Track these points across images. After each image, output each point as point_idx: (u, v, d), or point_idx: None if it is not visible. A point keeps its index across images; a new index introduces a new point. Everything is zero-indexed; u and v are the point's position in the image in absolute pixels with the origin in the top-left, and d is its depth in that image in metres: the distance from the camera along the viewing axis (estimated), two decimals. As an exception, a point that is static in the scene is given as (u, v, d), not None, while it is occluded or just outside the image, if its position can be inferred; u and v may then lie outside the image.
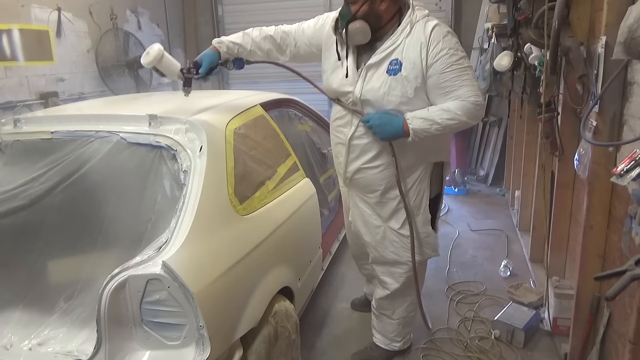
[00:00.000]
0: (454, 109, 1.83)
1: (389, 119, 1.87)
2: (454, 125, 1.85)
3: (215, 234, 1.63)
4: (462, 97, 1.83)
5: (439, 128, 1.84)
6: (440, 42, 1.82)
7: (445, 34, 1.85)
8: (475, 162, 5.82)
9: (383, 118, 1.88)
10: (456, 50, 1.84)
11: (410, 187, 2.07)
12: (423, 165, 2.06)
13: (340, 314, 2.88)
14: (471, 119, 1.86)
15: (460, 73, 1.83)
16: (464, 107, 1.83)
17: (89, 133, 1.87)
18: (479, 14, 5.60)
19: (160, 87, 6.07)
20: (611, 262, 1.89)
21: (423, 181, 2.07)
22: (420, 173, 2.06)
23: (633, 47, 1.33)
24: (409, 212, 2.07)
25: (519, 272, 3.33)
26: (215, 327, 1.47)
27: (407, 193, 2.06)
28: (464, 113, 1.83)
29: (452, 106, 1.84)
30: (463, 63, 1.84)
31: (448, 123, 1.83)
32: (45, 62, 4.27)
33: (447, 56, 1.81)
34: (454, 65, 1.82)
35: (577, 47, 2.14)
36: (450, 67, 1.82)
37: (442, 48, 1.82)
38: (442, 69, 1.82)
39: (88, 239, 1.70)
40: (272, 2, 6.33)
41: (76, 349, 1.51)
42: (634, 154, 1.36)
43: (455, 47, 1.84)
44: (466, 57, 1.88)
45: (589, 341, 2.09)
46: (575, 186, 2.66)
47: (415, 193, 2.08)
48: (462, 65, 1.84)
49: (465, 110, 1.84)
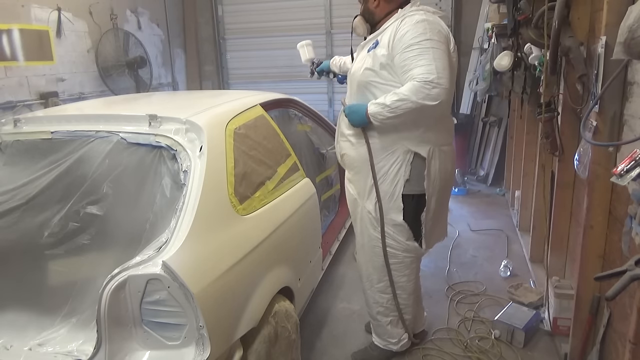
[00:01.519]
0: (402, 90, 1.86)
1: (357, 107, 2.03)
2: (404, 106, 1.85)
3: (215, 234, 1.63)
4: (414, 75, 1.84)
5: (390, 110, 1.88)
6: (410, 26, 1.89)
7: (420, 21, 1.90)
8: (475, 162, 5.82)
9: (352, 107, 2.06)
10: (423, 34, 1.86)
11: (385, 171, 2.09)
12: (400, 151, 2.05)
13: (340, 314, 2.88)
14: (422, 98, 1.82)
15: (419, 52, 1.85)
16: (412, 86, 1.83)
17: (89, 133, 1.88)
18: (479, 14, 5.61)
19: (161, 87, 6.07)
20: (611, 262, 1.89)
21: (399, 168, 2.07)
22: (397, 158, 2.06)
23: (633, 47, 1.33)
24: (378, 192, 2.10)
25: (519, 272, 3.33)
26: (215, 327, 1.47)
27: (382, 176, 2.09)
28: (412, 93, 1.83)
29: (402, 88, 1.87)
30: (426, 44, 1.85)
31: (397, 104, 1.86)
32: (45, 62, 4.27)
33: (410, 37, 1.87)
34: (415, 45, 1.85)
35: (577, 47, 2.14)
36: (411, 47, 1.86)
37: (408, 30, 1.88)
38: (403, 48, 1.88)
39: (88, 239, 1.70)
40: (272, 2, 6.34)
41: (76, 349, 1.51)
42: (634, 154, 1.36)
43: (423, 31, 1.86)
44: (435, 41, 1.87)
45: (589, 341, 2.08)
46: (575, 186, 2.66)
47: (390, 177, 2.08)
48: (424, 46, 1.85)
49: (413, 90, 1.83)
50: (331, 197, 3.15)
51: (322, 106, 6.25)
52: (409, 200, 2.10)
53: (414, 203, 2.12)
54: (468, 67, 5.74)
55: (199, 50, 6.75)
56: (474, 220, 4.39)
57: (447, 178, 2.19)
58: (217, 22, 6.61)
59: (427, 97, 1.82)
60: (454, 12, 5.81)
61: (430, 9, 2.01)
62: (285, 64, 6.29)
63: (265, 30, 6.43)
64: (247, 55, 6.66)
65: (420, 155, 2.05)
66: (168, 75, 6.34)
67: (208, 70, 6.82)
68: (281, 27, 6.36)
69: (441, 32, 1.92)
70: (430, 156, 2.05)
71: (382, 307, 2.32)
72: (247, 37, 6.55)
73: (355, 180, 2.21)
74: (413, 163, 2.06)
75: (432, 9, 2.01)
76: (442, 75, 1.82)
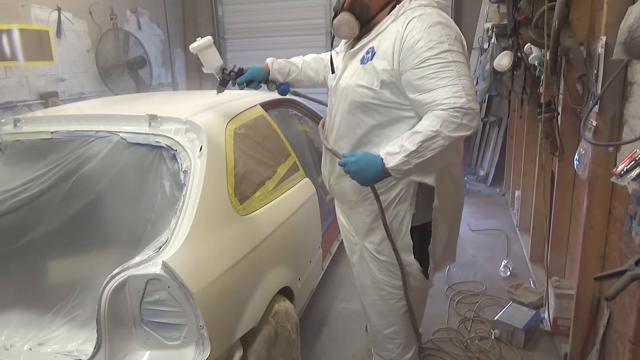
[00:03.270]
0: (426, 125, 1.46)
1: (366, 162, 1.55)
2: (435, 145, 1.45)
3: (215, 234, 1.63)
4: (438, 101, 1.45)
5: (417, 155, 1.46)
6: (420, 32, 1.49)
7: (433, 23, 1.51)
8: (475, 162, 5.82)
9: (360, 161, 1.56)
10: (440, 43, 1.47)
11: (387, 206, 1.75)
12: (404, 182, 1.71)
13: (340, 314, 2.88)
14: (454, 130, 1.43)
15: (439, 69, 1.46)
16: (439, 118, 1.44)
17: (89, 133, 1.87)
18: (479, 14, 5.61)
19: (161, 87, 6.07)
20: (611, 262, 1.89)
21: (404, 201, 1.73)
22: (401, 191, 1.72)
23: (633, 47, 1.33)
24: (388, 230, 1.74)
25: (519, 272, 3.33)
26: (215, 327, 1.47)
27: (385, 212, 1.74)
28: (442, 126, 1.43)
29: (425, 123, 1.47)
30: (446, 57, 1.46)
31: (426, 145, 1.45)
32: (45, 62, 4.27)
33: (424, 49, 1.47)
34: (432, 59, 1.46)
35: (577, 47, 2.14)
36: (427, 62, 1.47)
37: (419, 39, 1.49)
38: (416, 63, 1.48)
39: (88, 239, 1.70)
40: (272, 2, 6.33)
41: (76, 349, 1.51)
42: (634, 154, 1.36)
43: (440, 39, 1.48)
44: (456, 52, 1.49)
45: (589, 341, 2.08)
46: (575, 186, 2.66)
47: (394, 213, 1.75)
48: (445, 60, 1.46)
49: (442, 122, 1.43)
50: (331, 197, 3.16)
51: (322, 106, 6.24)
52: (413, 232, 1.80)
53: (417, 234, 1.81)
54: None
55: (199, 50, 6.74)
56: (474, 220, 4.39)
57: (457, 201, 1.89)
58: (217, 22, 6.61)
59: (460, 127, 1.43)
60: (454, 12, 5.81)
61: (434, 2, 1.63)
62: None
63: (265, 30, 6.43)
64: (247, 55, 6.65)
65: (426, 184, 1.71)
66: (168, 75, 6.34)
67: (208, 70, 6.81)
68: (281, 27, 6.36)
69: (457, 37, 1.54)
70: (438, 183, 1.70)
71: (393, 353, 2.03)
72: (247, 37, 6.55)
73: (350, 215, 1.88)
74: (419, 193, 1.74)
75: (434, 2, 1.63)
76: (471, 97, 1.44)
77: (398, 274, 1.84)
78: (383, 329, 1.99)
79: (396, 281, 1.86)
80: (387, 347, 2.04)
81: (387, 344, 2.03)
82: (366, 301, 2.01)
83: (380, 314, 1.96)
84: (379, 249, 1.82)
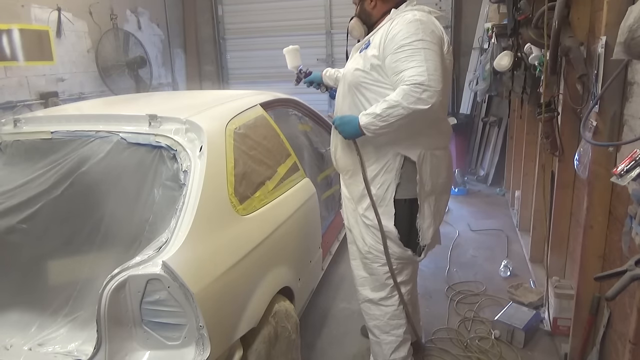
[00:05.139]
0: (392, 96, 1.75)
1: (348, 119, 1.92)
2: (395, 112, 1.73)
3: (215, 234, 1.63)
4: (404, 78, 1.73)
5: (382, 118, 1.76)
6: (402, 26, 1.79)
7: (413, 20, 1.80)
8: (475, 162, 5.82)
9: (344, 118, 1.95)
10: (414, 34, 1.76)
11: (376, 174, 2.00)
12: (390, 154, 1.96)
13: (340, 314, 2.88)
14: (412, 103, 1.70)
15: (410, 53, 1.74)
16: (402, 91, 1.72)
17: (89, 133, 1.88)
18: (479, 14, 5.61)
19: (161, 87, 6.07)
20: (611, 262, 1.89)
21: (390, 172, 1.98)
22: (387, 162, 1.97)
23: (633, 47, 1.33)
24: (372, 196, 1.99)
25: (519, 272, 3.33)
26: (215, 327, 1.47)
27: (374, 179, 2.00)
28: (402, 98, 1.71)
29: (392, 94, 1.76)
30: (417, 45, 1.74)
31: (388, 112, 1.74)
32: (45, 62, 4.28)
33: (401, 38, 1.77)
34: (406, 46, 1.75)
35: (577, 47, 2.14)
36: (402, 48, 1.76)
37: (399, 31, 1.79)
38: (394, 49, 1.78)
39: (88, 239, 1.70)
40: (272, 2, 6.34)
41: (76, 349, 1.51)
42: (634, 154, 1.36)
43: (415, 31, 1.77)
44: (427, 41, 1.76)
45: (589, 341, 2.08)
46: (575, 186, 2.66)
47: (381, 182, 2.00)
48: (415, 47, 1.74)
49: (403, 95, 1.71)
50: (331, 197, 3.15)
51: (322, 106, 6.24)
52: (401, 204, 2.01)
53: (407, 208, 2.02)
54: (468, 67, 5.74)
55: (199, 50, 6.75)
56: (474, 220, 4.39)
57: (442, 183, 2.06)
58: (217, 22, 6.61)
59: (418, 101, 1.70)
60: (454, 12, 5.81)
61: (426, 8, 1.92)
62: (285, 64, 6.29)
63: (265, 30, 6.44)
64: (247, 55, 6.66)
65: (411, 160, 1.95)
66: (168, 75, 6.34)
67: (208, 70, 6.82)
68: (281, 27, 6.37)
69: (434, 32, 1.81)
70: (421, 160, 1.95)
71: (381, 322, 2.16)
72: (247, 37, 6.56)
73: (349, 185, 2.13)
74: (404, 167, 1.97)
75: (427, 8, 1.92)
76: (433, 77, 1.70)
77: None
78: (370, 294, 2.16)
79: (380, 245, 2.06)
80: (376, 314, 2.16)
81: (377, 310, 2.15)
82: (355, 264, 2.22)
83: (366, 278, 2.17)
84: (366, 213, 2.05)
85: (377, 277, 2.12)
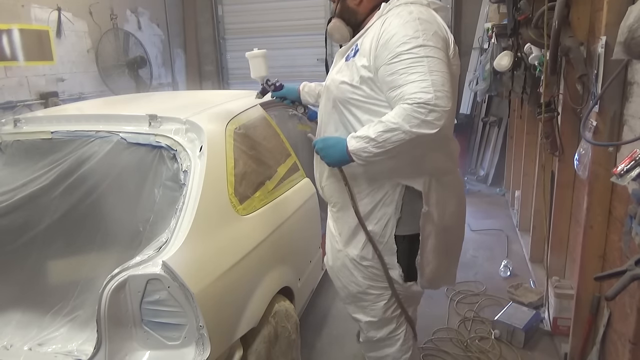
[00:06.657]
0: (390, 116, 1.41)
1: (333, 142, 1.56)
2: (394, 137, 1.39)
3: (215, 234, 1.63)
4: (405, 95, 1.39)
5: (377, 144, 1.42)
6: (398, 27, 1.45)
7: (411, 20, 1.45)
8: (475, 162, 5.82)
9: (328, 140, 1.59)
10: (414, 38, 1.41)
11: (372, 209, 1.68)
12: (389, 185, 1.64)
13: (340, 314, 2.87)
14: (416, 126, 1.36)
15: (410, 64, 1.40)
16: (402, 112, 1.38)
17: (89, 133, 1.87)
18: (479, 14, 5.61)
19: (161, 87, 6.07)
20: (611, 262, 1.89)
21: (389, 204, 1.66)
22: (385, 194, 1.65)
23: (633, 47, 1.33)
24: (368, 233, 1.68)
25: (519, 272, 3.33)
26: (215, 327, 1.47)
27: (369, 215, 1.68)
28: (403, 120, 1.37)
29: (390, 114, 1.42)
30: (419, 52, 1.40)
31: (386, 137, 1.40)
32: (45, 62, 4.28)
33: (398, 43, 1.42)
34: (404, 54, 1.41)
35: (577, 47, 2.14)
36: (399, 57, 1.41)
37: (393, 34, 1.44)
38: (388, 59, 1.43)
39: (88, 239, 1.70)
40: (272, 2, 6.34)
41: (76, 349, 1.51)
42: (634, 154, 1.36)
43: (414, 34, 1.42)
44: (431, 47, 1.42)
45: (589, 341, 2.09)
46: (575, 186, 2.66)
47: (379, 216, 1.67)
48: (416, 55, 1.40)
49: (404, 116, 1.37)
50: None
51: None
52: (399, 241, 1.71)
53: (405, 244, 1.71)
54: (468, 67, 5.74)
55: (199, 50, 6.75)
56: (474, 220, 4.39)
57: (451, 213, 1.71)
58: (217, 22, 6.61)
59: (423, 124, 1.36)
60: (454, 12, 5.81)
61: (424, 1, 1.56)
62: (286, 64, 6.29)
63: (265, 30, 6.43)
64: (247, 55, 6.66)
65: (414, 189, 1.63)
66: (168, 75, 6.34)
67: (208, 70, 6.82)
68: (281, 27, 6.36)
69: (438, 33, 1.47)
70: (427, 189, 1.62)
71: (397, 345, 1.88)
72: (247, 37, 6.55)
73: (337, 219, 1.80)
74: (405, 198, 1.65)
75: (426, 0, 1.56)
76: (441, 94, 1.36)
77: (382, 277, 1.76)
78: (376, 334, 1.88)
79: (380, 283, 1.78)
80: (386, 351, 1.91)
81: (384, 348, 1.91)
82: (352, 309, 1.91)
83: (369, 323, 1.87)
84: (363, 253, 1.73)
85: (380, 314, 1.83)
